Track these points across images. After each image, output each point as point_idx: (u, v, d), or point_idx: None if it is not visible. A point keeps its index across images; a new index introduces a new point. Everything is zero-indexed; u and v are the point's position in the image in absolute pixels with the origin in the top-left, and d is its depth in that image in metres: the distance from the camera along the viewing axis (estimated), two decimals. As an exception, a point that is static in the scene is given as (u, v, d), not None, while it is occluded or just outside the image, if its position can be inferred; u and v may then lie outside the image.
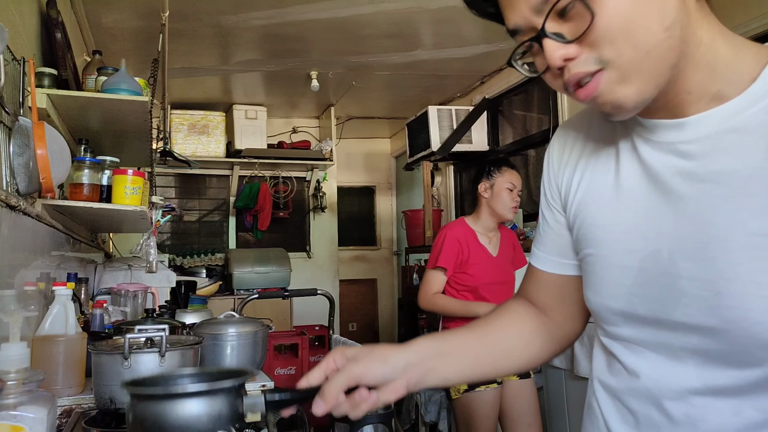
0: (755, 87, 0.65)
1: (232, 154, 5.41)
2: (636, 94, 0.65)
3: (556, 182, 0.89)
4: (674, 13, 0.63)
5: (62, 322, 1.53)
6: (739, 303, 0.65)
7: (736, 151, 0.66)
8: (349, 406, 0.80)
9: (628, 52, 0.63)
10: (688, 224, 0.69)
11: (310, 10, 3.45)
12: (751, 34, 2.55)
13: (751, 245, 0.64)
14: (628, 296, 0.75)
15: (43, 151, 1.56)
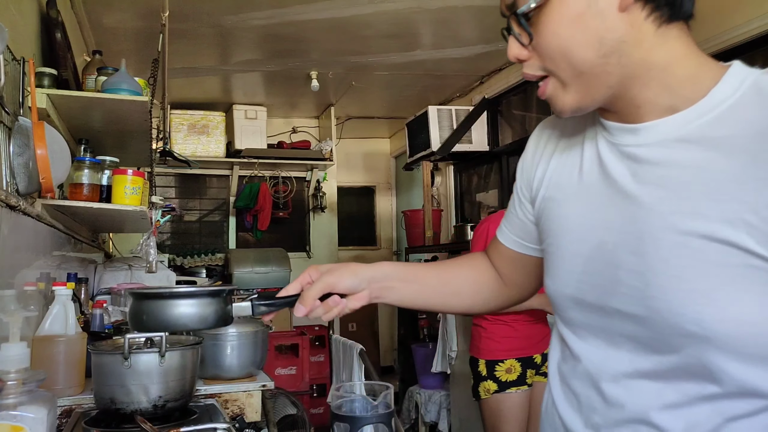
0: (703, 102, 0.72)
1: (232, 154, 5.41)
2: (574, 102, 0.77)
3: (528, 178, 0.97)
4: (613, 44, 0.72)
5: (62, 322, 1.53)
6: (662, 295, 0.72)
7: (679, 159, 0.73)
8: (323, 309, 0.93)
9: (565, 69, 0.74)
10: (631, 221, 0.76)
11: (309, 10, 3.45)
12: (751, 34, 2.56)
13: (679, 244, 0.70)
14: (578, 283, 0.83)
15: (43, 151, 1.57)
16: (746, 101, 0.70)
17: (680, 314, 0.70)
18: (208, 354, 1.78)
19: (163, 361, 1.38)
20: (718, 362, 0.70)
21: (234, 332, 1.81)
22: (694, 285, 0.70)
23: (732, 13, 2.65)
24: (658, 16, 0.72)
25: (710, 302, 0.69)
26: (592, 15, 0.72)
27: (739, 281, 0.68)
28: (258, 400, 1.75)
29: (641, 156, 0.76)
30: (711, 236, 0.69)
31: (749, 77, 0.72)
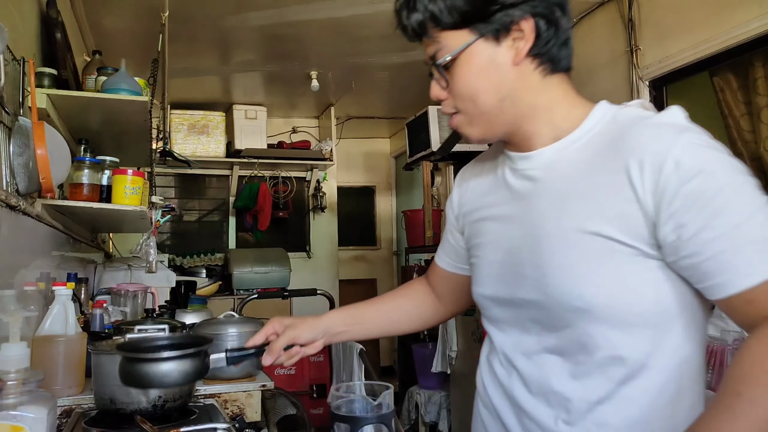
0: (576, 132, 0.94)
1: (232, 154, 5.41)
2: (478, 134, 0.98)
3: (455, 213, 1.19)
4: (507, 90, 0.93)
5: (62, 322, 1.53)
6: (554, 280, 0.91)
7: (561, 174, 0.94)
8: (286, 357, 1.13)
9: (471, 109, 0.95)
10: (531, 226, 0.96)
11: (309, 11, 3.45)
12: (751, 34, 2.56)
13: (562, 238, 0.91)
14: (495, 284, 1.03)
15: (43, 151, 1.57)
16: (605, 129, 0.92)
17: (568, 293, 0.89)
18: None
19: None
20: (600, 331, 0.89)
21: (234, 332, 1.81)
22: (576, 269, 0.89)
23: (732, 13, 2.65)
24: (543, 69, 0.93)
25: (588, 281, 0.88)
26: (492, 68, 0.91)
27: (606, 262, 0.87)
28: (258, 400, 1.75)
29: (534, 176, 0.98)
30: (583, 230, 0.89)
31: (609, 112, 0.94)
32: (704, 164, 0.82)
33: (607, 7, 3.44)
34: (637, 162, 0.84)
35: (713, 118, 2.91)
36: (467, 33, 0.91)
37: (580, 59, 3.38)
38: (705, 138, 0.85)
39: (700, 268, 0.83)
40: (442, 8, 0.91)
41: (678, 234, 0.83)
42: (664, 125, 0.87)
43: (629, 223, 0.85)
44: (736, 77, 2.77)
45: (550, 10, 0.90)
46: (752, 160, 2.68)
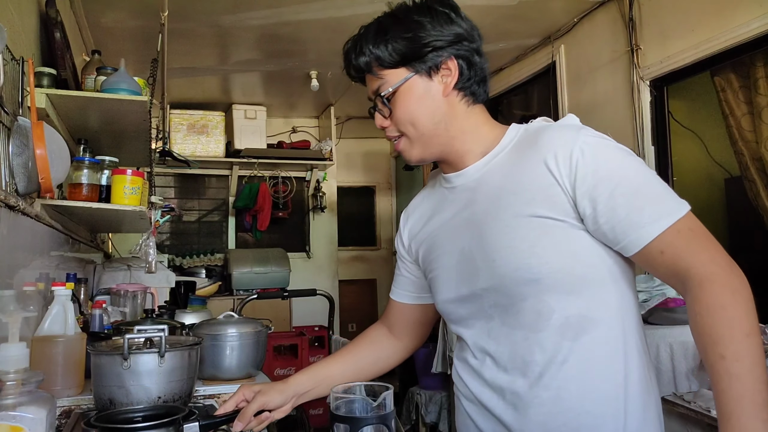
0: (498, 146, 1.16)
1: (232, 154, 5.41)
2: (419, 154, 1.17)
3: (405, 246, 1.33)
4: (441, 116, 1.13)
5: (61, 322, 1.53)
6: (503, 260, 1.06)
7: (493, 180, 1.13)
8: (257, 422, 1.21)
9: (412, 132, 1.14)
10: (475, 226, 1.13)
11: (308, 10, 3.44)
12: (752, 34, 2.56)
13: (506, 226, 1.07)
14: (455, 286, 1.16)
15: (42, 151, 1.56)
16: (520, 140, 1.14)
17: (518, 268, 1.04)
18: (208, 354, 1.78)
19: (162, 362, 1.38)
20: (551, 296, 1.04)
21: (233, 333, 1.81)
22: (521, 248, 1.04)
23: (732, 14, 2.65)
24: (466, 100, 1.15)
25: (532, 255, 1.03)
26: (427, 98, 1.12)
27: (544, 237, 1.03)
28: (257, 400, 1.74)
29: (470, 187, 1.16)
30: (519, 215, 1.06)
31: (521, 128, 1.16)
32: (601, 150, 1.03)
33: (608, 6, 3.44)
34: (552, 155, 1.04)
35: (714, 118, 2.91)
36: (405, 70, 1.11)
37: (580, 59, 3.38)
38: (597, 133, 1.07)
39: (615, 231, 1.00)
40: (385, 51, 1.11)
41: (593, 207, 1.01)
42: (566, 127, 1.09)
43: (556, 203, 1.03)
44: (737, 77, 2.77)
45: (469, 53, 1.13)
46: (754, 159, 2.68)
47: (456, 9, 1.14)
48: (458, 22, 1.12)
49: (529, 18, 3.66)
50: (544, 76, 4.10)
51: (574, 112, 1.20)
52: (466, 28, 1.13)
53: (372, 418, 0.93)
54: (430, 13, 1.11)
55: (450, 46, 1.11)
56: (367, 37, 1.13)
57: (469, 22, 1.14)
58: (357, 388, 1.05)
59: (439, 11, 1.11)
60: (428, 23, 1.10)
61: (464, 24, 1.13)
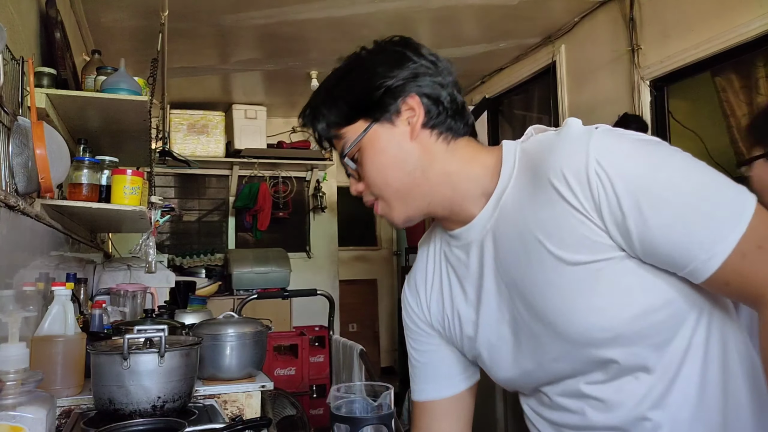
0: (500, 183, 0.95)
1: (232, 154, 5.40)
2: (401, 213, 1.00)
3: (424, 320, 1.12)
4: (414, 163, 0.96)
5: (61, 322, 1.53)
6: (564, 327, 0.89)
7: (508, 229, 0.94)
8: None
9: (386, 190, 0.98)
10: (514, 290, 0.95)
11: (308, 10, 3.44)
12: (753, 34, 2.55)
13: (548, 285, 0.90)
14: (513, 360, 0.99)
15: (42, 151, 1.56)
16: (522, 168, 0.94)
17: (588, 329, 0.88)
18: (207, 354, 1.77)
19: (162, 362, 1.38)
20: (635, 345, 0.87)
21: (233, 332, 1.81)
22: (578, 305, 0.88)
23: (733, 14, 2.65)
24: (444, 138, 0.98)
25: (596, 310, 0.87)
26: (393, 147, 0.96)
27: (601, 284, 0.86)
28: (257, 400, 1.75)
29: (485, 239, 0.98)
30: (559, 265, 0.88)
31: (515, 149, 0.97)
32: (622, 162, 0.83)
33: (609, 6, 3.44)
34: (564, 184, 0.86)
35: (715, 118, 2.90)
36: (363, 122, 0.98)
37: (581, 59, 3.39)
38: (609, 133, 0.87)
39: (668, 260, 0.83)
40: (336, 107, 0.99)
41: (628, 243, 0.84)
42: (570, 140, 0.88)
43: (594, 242, 0.86)
44: (738, 77, 2.77)
45: (431, 87, 0.97)
46: (753, 160, 2.68)
47: (412, 46, 1.00)
48: (414, 59, 0.98)
49: (530, 17, 3.66)
50: (545, 75, 4.10)
51: (575, 112, 1.09)
52: (427, 63, 0.98)
53: (372, 419, 0.93)
54: (380, 55, 1.00)
55: (406, 83, 0.96)
56: (318, 99, 1.03)
57: (432, 57, 1.00)
58: (357, 388, 1.05)
59: (390, 51, 1.00)
60: (378, 66, 0.98)
61: (424, 60, 0.98)
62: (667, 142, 3.21)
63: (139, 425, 1.22)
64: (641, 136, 0.87)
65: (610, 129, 0.88)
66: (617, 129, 0.89)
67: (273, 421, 1.61)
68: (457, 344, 1.09)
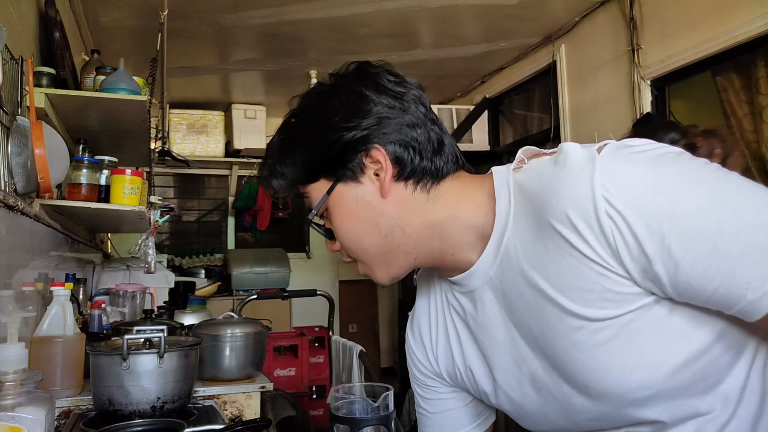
0: (496, 227, 0.81)
1: (231, 154, 5.40)
2: (385, 275, 0.89)
3: (431, 370, 1.01)
4: (390, 223, 0.84)
5: (60, 322, 1.52)
6: (598, 390, 0.79)
7: (515, 278, 0.81)
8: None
9: (363, 255, 0.87)
10: (535, 346, 0.83)
11: (308, 9, 3.44)
12: (753, 34, 2.55)
13: (572, 345, 0.78)
14: (544, 419, 0.89)
15: (41, 151, 1.56)
16: (517, 204, 0.80)
17: (626, 391, 0.77)
18: (207, 355, 1.77)
19: (161, 363, 1.37)
20: (684, 400, 0.78)
21: (232, 333, 1.81)
22: (611, 365, 0.77)
23: (733, 13, 2.65)
24: (423, 185, 0.84)
25: (632, 367, 0.76)
26: (362, 209, 0.84)
27: (634, 338, 0.75)
28: (257, 401, 1.74)
29: (489, 286, 0.85)
30: (584, 324, 0.75)
31: (507, 182, 0.82)
32: (637, 191, 0.69)
33: (609, 6, 3.44)
34: (574, 232, 0.72)
35: (716, 118, 2.90)
36: (325, 181, 0.85)
37: (581, 58, 3.39)
38: (617, 155, 0.72)
39: (709, 302, 0.71)
40: (291, 166, 0.87)
41: (658, 280, 0.71)
42: (569, 172, 0.73)
43: (618, 294, 0.73)
44: (738, 77, 2.76)
45: (399, 132, 0.82)
46: (755, 160, 2.68)
47: (370, 79, 0.84)
48: (374, 99, 0.83)
49: (530, 17, 3.65)
50: (545, 75, 4.09)
51: (575, 112, 0.95)
52: (390, 101, 0.83)
53: (372, 419, 0.92)
54: (334, 99, 0.84)
55: (370, 134, 0.82)
56: (272, 155, 0.89)
57: (398, 89, 0.84)
58: (357, 388, 1.04)
59: (346, 91, 0.84)
60: (332, 114, 0.83)
61: (386, 96, 0.83)
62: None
63: (139, 426, 1.22)
64: (656, 151, 0.72)
65: (615, 149, 0.73)
66: (625, 146, 0.74)
67: (273, 422, 1.60)
68: (473, 393, 0.99)
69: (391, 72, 0.86)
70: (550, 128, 3.93)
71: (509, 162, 0.86)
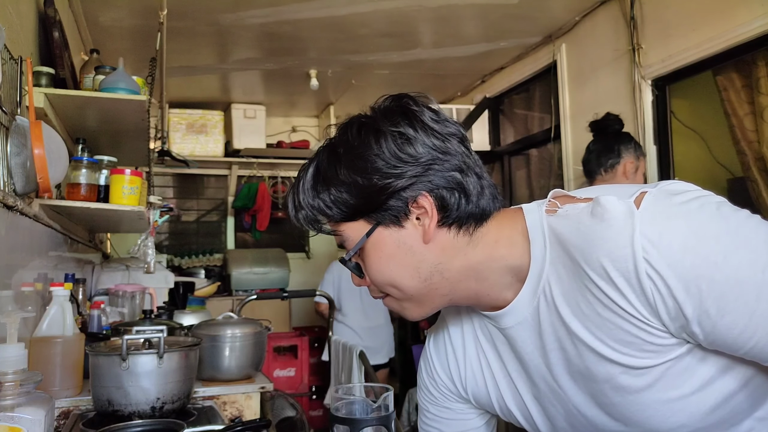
0: (532, 269, 0.82)
1: (231, 154, 5.39)
2: (415, 313, 0.88)
3: (448, 387, 1.01)
4: (429, 268, 0.83)
5: (60, 323, 1.52)
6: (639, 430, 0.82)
7: (552, 322, 0.82)
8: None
9: (396, 293, 0.86)
10: (571, 389, 0.85)
11: (308, 8, 3.43)
12: (754, 33, 2.55)
13: (612, 390, 0.80)
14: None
15: (41, 151, 1.55)
16: (555, 250, 0.80)
17: (668, 428, 0.80)
18: (207, 355, 1.77)
19: (161, 363, 1.37)
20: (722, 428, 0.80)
21: (232, 333, 1.80)
22: (651, 411, 0.80)
23: (734, 13, 2.64)
24: (465, 229, 0.83)
25: (672, 412, 0.79)
26: (403, 253, 0.83)
27: (672, 383, 0.77)
28: (257, 401, 1.74)
29: (524, 325, 0.85)
30: (624, 371, 0.78)
31: (542, 224, 0.81)
32: (677, 252, 0.70)
33: (610, 5, 3.43)
34: (613, 288, 0.73)
35: (717, 118, 2.90)
36: (364, 223, 0.83)
37: (582, 58, 3.38)
38: (658, 211, 0.72)
39: (744, 356, 0.73)
40: (329, 204, 0.84)
41: (694, 337, 0.73)
42: (608, 228, 0.73)
43: (657, 347, 0.75)
44: (739, 76, 2.76)
45: (447, 179, 0.81)
46: (756, 159, 2.67)
47: (415, 120, 0.82)
48: (421, 139, 0.81)
49: (530, 17, 3.65)
50: (546, 75, 4.09)
51: (576, 112, 0.94)
52: (436, 142, 0.81)
53: (372, 420, 0.92)
54: (380, 141, 0.81)
55: (417, 181, 0.80)
56: (303, 187, 0.86)
57: (440, 124, 0.83)
58: (357, 389, 1.04)
59: (392, 134, 0.81)
60: (378, 158, 0.80)
61: (431, 137, 0.82)
62: (669, 141, 3.15)
63: (138, 426, 1.22)
64: (696, 202, 0.72)
65: (655, 202, 0.73)
66: (665, 197, 0.73)
67: (272, 423, 1.60)
68: (500, 416, 1.00)
69: (431, 109, 0.85)
70: (551, 128, 3.93)
71: (511, 161, 0.85)
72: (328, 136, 0.86)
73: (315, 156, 0.87)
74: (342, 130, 0.86)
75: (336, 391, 0.98)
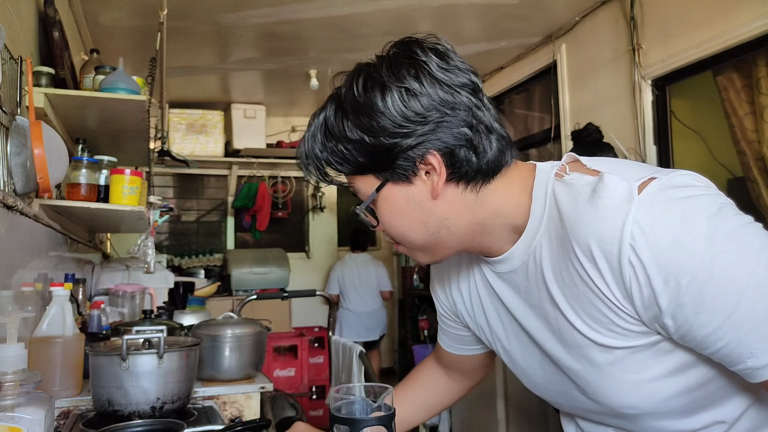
0: (529, 225, 0.84)
1: (231, 154, 5.39)
2: (425, 260, 0.93)
3: (445, 304, 1.11)
4: (437, 222, 0.85)
5: (60, 323, 1.52)
6: (595, 398, 0.86)
7: (538, 279, 0.85)
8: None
9: (407, 243, 0.90)
10: (548, 346, 0.89)
11: (308, 8, 3.43)
12: (754, 33, 2.55)
13: (578, 359, 0.84)
14: (546, 391, 0.97)
15: (41, 151, 1.55)
16: (549, 216, 0.82)
17: (621, 406, 0.84)
18: (207, 355, 1.76)
19: (161, 363, 1.37)
20: (671, 421, 0.84)
21: (232, 333, 1.80)
22: (609, 384, 0.83)
23: (734, 13, 2.64)
24: (473, 185, 0.84)
25: (628, 393, 0.82)
26: (412, 208, 0.85)
27: (633, 367, 0.80)
28: (257, 402, 1.74)
29: (517, 273, 0.89)
30: (590, 343, 0.81)
31: (548, 187, 0.83)
32: (666, 246, 0.69)
33: (610, 5, 3.43)
34: (592, 265, 0.75)
35: (717, 118, 2.90)
36: (373, 178, 0.84)
37: (582, 58, 3.39)
38: (660, 200, 0.71)
39: (711, 356, 0.74)
40: (336, 158, 0.85)
41: (665, 329, 0.74)
42: (604, 208, 0.74)
43: (623, 328, 0.77)
44: (739, 76, 2.76)
45: (456, 135, 0.80)
46: (756, 159, 2.67)
47: (421, 72, 0.81)
48: (428, 94, 0.80)
49: (531, 17, 3.65)
50: (546, 74, 4.09)
51: (576, 112, 0.99)
52: (444, 96, 0.80)
53: (372, 420, 0.92)
54: (384, 98, 0.80)
55: (423, 141, 0.80)
56: (313, 138, 0.86)
57: (450, 73, 0.83)
58: (357, 389, 1.04)
59: (397, 89, 0.80)
60: (384, 117, 0.79)
61: (440, 89, 0.80)
62: (669, 141, 3.16)
63: (138, 426, 1.22)
64: (699, 200, 0.72)
65: (658, 192, 0.72)
66: (670, 188, 0.72)
67: (272, 423, 1.60)
68: (479, 335, 1.07)
69: (439, 54, 0.85)
70: (551, 127, 3.93)
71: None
72: (334, 85, 0.86)
73: (323, 107, 0.87)
74: (348, 84, 0.84)
75: (336, 391, 0.98)
